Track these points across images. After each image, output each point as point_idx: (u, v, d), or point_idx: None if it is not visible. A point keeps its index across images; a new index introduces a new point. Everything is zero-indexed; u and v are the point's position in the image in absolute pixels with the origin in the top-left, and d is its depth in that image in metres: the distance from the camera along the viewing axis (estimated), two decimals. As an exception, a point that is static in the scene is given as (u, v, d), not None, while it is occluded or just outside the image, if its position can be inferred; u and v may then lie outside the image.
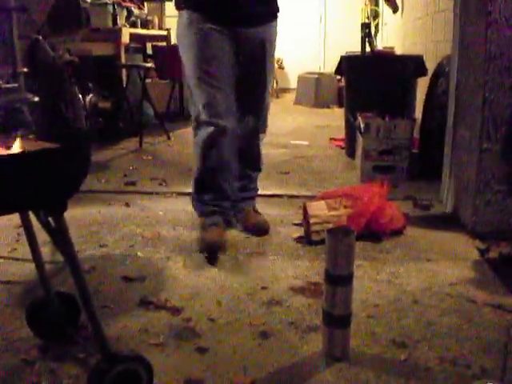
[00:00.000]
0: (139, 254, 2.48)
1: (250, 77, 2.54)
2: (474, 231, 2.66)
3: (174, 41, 7.07)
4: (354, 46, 5.58)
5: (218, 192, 2.60)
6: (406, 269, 2.31)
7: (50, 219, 1.36)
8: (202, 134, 2.49)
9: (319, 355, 1.68)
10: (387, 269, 2.31)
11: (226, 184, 2.60)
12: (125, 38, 5.48)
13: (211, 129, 2.45)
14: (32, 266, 1.68)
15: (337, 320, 1.65)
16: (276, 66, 7.98)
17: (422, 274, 2.26)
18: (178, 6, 2.47)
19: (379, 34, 7.15)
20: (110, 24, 5.47)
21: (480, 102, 2.57)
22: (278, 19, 2.59)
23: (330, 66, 6.24)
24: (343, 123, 4.69)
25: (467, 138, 2.78)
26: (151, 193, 3.48)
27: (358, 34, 4.83)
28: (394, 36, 6.80)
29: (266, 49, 2.53)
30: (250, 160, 2.79)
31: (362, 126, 3.75)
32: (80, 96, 4.60)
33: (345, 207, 2.65)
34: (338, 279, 1.62)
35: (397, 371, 1.60)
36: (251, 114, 2.63)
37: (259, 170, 2.87)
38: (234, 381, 1.55)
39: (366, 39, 4.67)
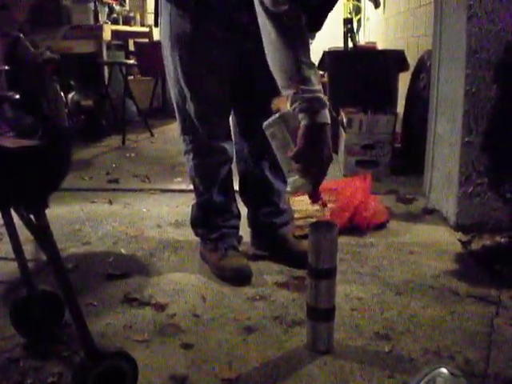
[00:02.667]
0: (123, 251, 2.47)
1: None
2: (456, 224, 2.68)
3: (156, 37, 7.05)
4: (336, 41, 5.58)
5: (227, 212, 2.31)
6: (389, 262, 2.33)
7: (31, 216, 1.36)
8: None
9: (304, 349, 1.69)
10: (370, 262, 2.32)
11: (235, 205, 2.35)
12: (106, 35, 5.46)
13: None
14: (15, 264, 1.67)
15: (321, 313, 1.65)
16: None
17: (405, 267, 2.27)
18: None
19: (361, 30, 7.17)
20: (91, 21, 5.46)
21: (461, 95, 2.58)
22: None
23: (313, 61, 6.24)
24: (326, 118, 4.69)
25: (449, 131, 2.80)
26: (135, 190, 3.47)
27: (341, 30, 4.84)
28: (376, 31, 6.82)
29: None
30: (273, 162, 2.04)
31: (344, 121, 3.76)
32: (62, 94, 4.58)
33: (328, 202, 2.66)
34: (322, 273, 1.62)
35: (381, 363, 1.61)
36: None
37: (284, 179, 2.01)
38: (219, 376, 1.55)
39: (349, 34, 4.68)
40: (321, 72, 5.37)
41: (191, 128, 2.18)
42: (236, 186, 2.38)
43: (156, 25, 2.20)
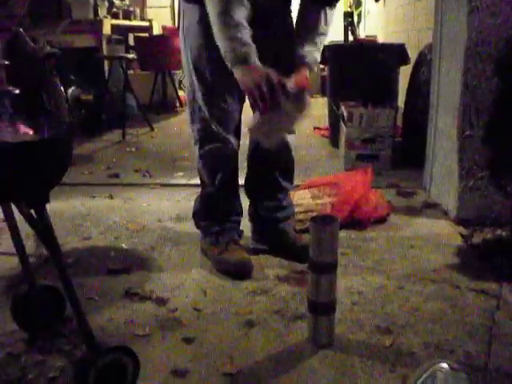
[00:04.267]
0: (124, 245, 2.47)
1: None
2: (457, 217, 2.67)
3: (156, 31, 7.04)
4: (336, 34, 5.58)
5: (230, 206, 2.31)
6: (390, 256, 2.33)
7: (32, 212, 1.36)
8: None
9: (305, 343, 1.69)
10: (371, 256, 2.32)
11: (238, 201, 2.35)
12: (106, 30, 5.44)
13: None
14: (16, 259, 1.67)
15: (322, 307, 1.66)
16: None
17: (406, 261, 2.28)
18: None
19: (362, 23, 7.15)
20: (91, 15, 5.44)
21: (462, 89, 2.58)
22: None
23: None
24: (327, 112, 4.69)
25: (449, 125, 2.79)
26: (135, 184, 3.47)
27: (341, 23, 4.83)
28: (376, 25, 6.80)
29: None
30: (286, 168, 2.36)
31: (345, 114, 3.75)
32: (62, 88, 4.58)
33: (329, 196, 2.66)
34: (323, 267, 1.63)
35: (382, 357, 1.61)
36: None
37: (293, 181, 2.45)
38: (220, 370, 1.55)
39: (349, 28, 4.68)
40: (321, 66, 5.39)
41: (199, 118, 2.19)
42: (241, 181, 2.37)
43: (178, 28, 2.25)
